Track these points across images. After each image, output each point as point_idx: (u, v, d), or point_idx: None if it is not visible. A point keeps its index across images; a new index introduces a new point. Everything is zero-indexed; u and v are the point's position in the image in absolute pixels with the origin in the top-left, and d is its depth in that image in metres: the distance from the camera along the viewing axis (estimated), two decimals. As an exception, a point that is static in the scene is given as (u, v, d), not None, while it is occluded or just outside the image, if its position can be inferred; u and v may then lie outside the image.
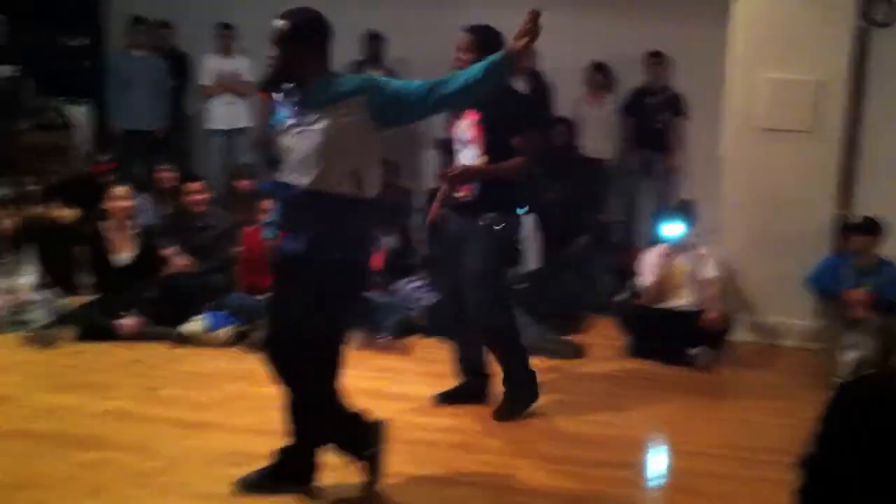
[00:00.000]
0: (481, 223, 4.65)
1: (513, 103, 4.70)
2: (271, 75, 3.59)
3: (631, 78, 8.40)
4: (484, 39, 4.50)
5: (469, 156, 4.69)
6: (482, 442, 4.52)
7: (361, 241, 3.63)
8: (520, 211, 4.84)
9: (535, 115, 4.97)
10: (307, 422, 3.71)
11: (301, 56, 3.51)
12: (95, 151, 8.03)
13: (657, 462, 4.66)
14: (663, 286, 6.08)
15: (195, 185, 6.72)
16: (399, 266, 6.94)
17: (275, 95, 3.71)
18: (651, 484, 4.38)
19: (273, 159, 3.64)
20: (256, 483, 3.79)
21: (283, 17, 3.54)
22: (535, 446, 4.51)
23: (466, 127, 4.69)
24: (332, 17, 3.61)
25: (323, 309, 3.48)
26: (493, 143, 4.62)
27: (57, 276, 6.36)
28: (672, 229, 6.12)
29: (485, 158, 4.64)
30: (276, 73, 3.56)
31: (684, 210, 6.37)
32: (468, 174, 4.69)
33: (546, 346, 5.86)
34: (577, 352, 5.98)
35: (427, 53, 8.44)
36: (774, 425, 4.91)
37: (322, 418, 3.72)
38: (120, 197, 6.21)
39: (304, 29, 3.52)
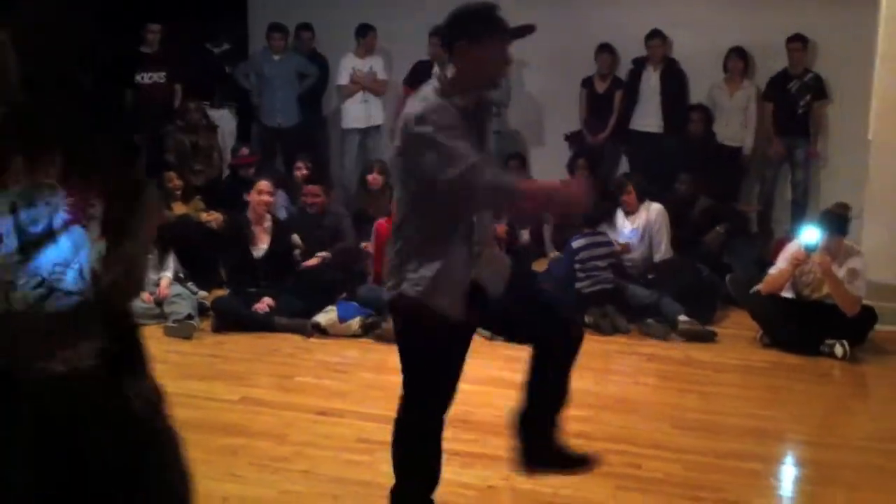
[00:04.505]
0: None
1: None
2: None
3: (771, 64, 8.14)
4: None
5: None
6: (607, 431, 4.46)
7: None
8: None
9: None
10: None
11: None
12: (237, 148, 8.29)
13: (795, 453, 4.49)
14: (798, 280, 5.83)
15: (311, 189, 6.91)
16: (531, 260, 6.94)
17: None
18: (787, 476, 4.23)
19: None
20: None
21: None
22: (660, 434, 4.43)
23: None
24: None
25: None
26: None
27: (196, 271, 6.62)
28: (809, 235, 5.81)
29: None
30: None
31: (834, 216, 5.91)
32: None
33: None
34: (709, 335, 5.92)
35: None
36: (922, 417, 4.67)
37: None
38: (262, 191, 6.40)
39: None
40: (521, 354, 5.58)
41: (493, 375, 5.25)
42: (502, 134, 8.59)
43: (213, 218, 7.17)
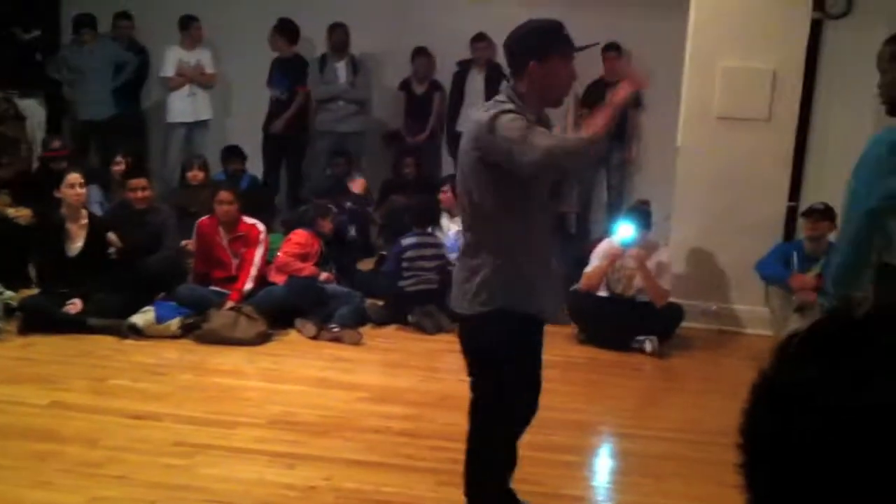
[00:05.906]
0: None
1: None
2: None
3: (587, 71, 8.39)
4: None
5: None
6: (431, 428, 4.51)
7: None
8: None
9: None
10: None
11: None
12: (48, 141, 7.92)
13: (609, 445, 4.67)
14: (612, 276, 6.08)
15: (138, 182, 6.59)
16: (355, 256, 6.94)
17: None
18: (600, 467, 4.40)
19: None
20: None
21: None
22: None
23: None
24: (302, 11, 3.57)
25: None
26: None
27: (2, 270, 6.27)
28: (624, 231, 6.08)
29: None
30: None
31: (640, 212, 6.26)
32: None
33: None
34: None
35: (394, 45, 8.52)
36: (724, 408, 4.90)
37: None
38: (74, 184, 6.11)
39: None
40: (343, 354, 5.63)
41: (315, 375, 5.24)
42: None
43: (21, 214, 6.82)
